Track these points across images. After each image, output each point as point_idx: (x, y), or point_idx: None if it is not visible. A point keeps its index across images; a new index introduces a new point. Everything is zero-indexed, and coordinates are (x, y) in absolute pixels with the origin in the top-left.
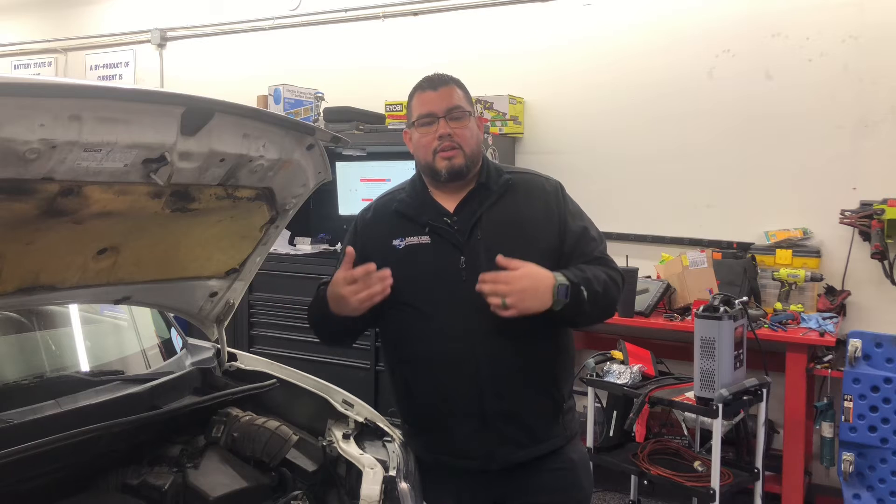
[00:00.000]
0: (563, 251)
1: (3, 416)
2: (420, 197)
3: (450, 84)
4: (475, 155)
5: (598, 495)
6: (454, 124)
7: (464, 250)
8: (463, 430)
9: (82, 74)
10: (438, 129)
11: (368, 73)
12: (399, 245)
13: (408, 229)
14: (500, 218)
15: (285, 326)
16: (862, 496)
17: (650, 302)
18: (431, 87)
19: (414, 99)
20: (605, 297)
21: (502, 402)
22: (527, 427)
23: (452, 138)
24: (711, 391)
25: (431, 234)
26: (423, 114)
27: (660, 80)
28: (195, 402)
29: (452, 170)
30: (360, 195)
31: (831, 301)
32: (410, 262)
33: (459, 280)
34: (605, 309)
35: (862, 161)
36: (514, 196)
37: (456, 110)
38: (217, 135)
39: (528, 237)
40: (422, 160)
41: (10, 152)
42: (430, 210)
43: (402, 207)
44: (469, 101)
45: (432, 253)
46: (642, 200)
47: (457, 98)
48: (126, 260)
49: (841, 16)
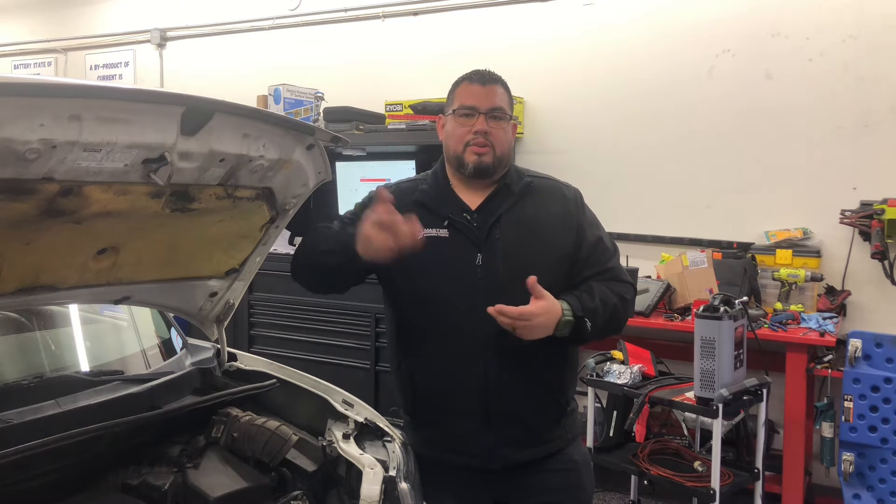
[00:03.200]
0: (577, 258)
1: (3, 416)
2: (442, 190)
3: (498, 84)
4: (505, 157)
5: (599, 495)
6: (493, 123)
7: (482, 248)
8: (465, 428)
9: (82, 74)
10: (476, 125)
11: (368, 72)
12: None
13: (427, 220)
14: (520, 220)
15: (285, 326)
16: (862, 496)
17: (650, 302)
18: (480, 81)
19: (459, 87)
20: (612, 319)
21: (505, 402)
22: (529, 428)
23: (488, 136)
24: (711, 391)
25: (450, 227)
26: (465, 105)
27: (660, 79)
28: (195, 403)
29: (480, 165)
30: (360, 195)
31: (831, 301)
32: (426, 254)
33: (475, 278)
34: (615, 329)
35: (862, 161)
36: (534, 199)
37: (497, 111)
38: (217, 135)
39: (546, 242)
40: (451, 150)
41: (10, 152)
42: (451, 204)
43: (424, 198)
44: (510, 106)
45: (449, 247)
46: (642, 200)
47: (501, 99)
48: (126, 260)
49: (841, 16)
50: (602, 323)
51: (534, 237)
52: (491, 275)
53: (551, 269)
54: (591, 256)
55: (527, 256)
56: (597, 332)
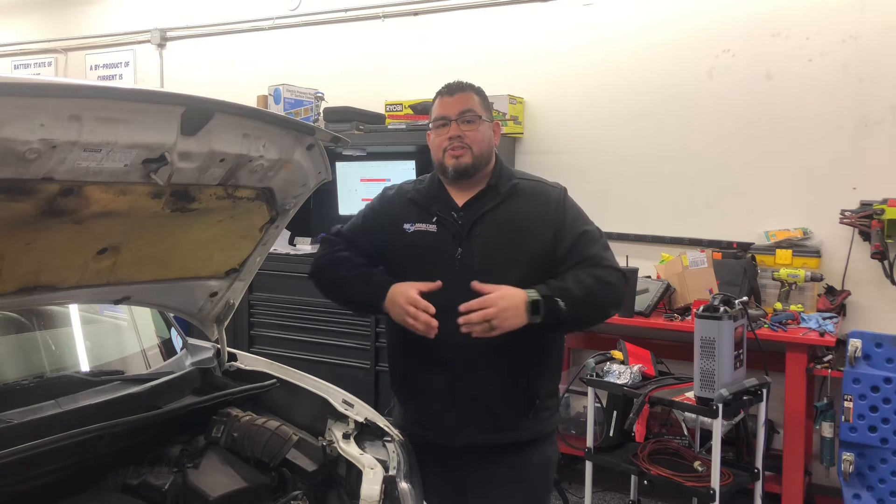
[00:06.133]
0: (557, 255)
1: (3, 416)
2: (435, 189)
3: (466, 90)
4: (484, 156)
5: (599, 495)
6: (465, 127)
7: (462, 243)
8: (433, 405)
9: (82, 74)
10: (450, 131)
11: (368, 73)
12: (409, 229)
13: (419, 216)
14: (501, 219)
15: (285, 326)
16: (862, 496)
17: (650, 302)
18: (449, 92)
19: (434, 103)
20: (589, 300)
21: (470, 383)
22: (492, 413)
23: (462, 139)
24: (711, 391)
25: (438, 223)
26: (438, 117)
27: (660, 79)
28: (195, 403)
29: (459, 167)
30: (360, 195)
31: (831, 301)
32: (416, 246)
33: (453, 269)
34: (598, 311)
35: (862, 161)
36: (518, 200)
37: (468, 113)
38: (217, 135)
39: (521, 240)
40: (435, 159)
41: (10, 152)
42: (440, 202)
43: (417, 196)
44: (484, 107)
45: (435, 240)
46: (642, 200)
47: (470, 103)
48: (126, 260)
49: (841, 16)
50: (578, 302)
51: (512, 235)
52: (466, 267)
53: (524, 266)
54: (573, 250)
55: (502, 252)
56: (575, 314)
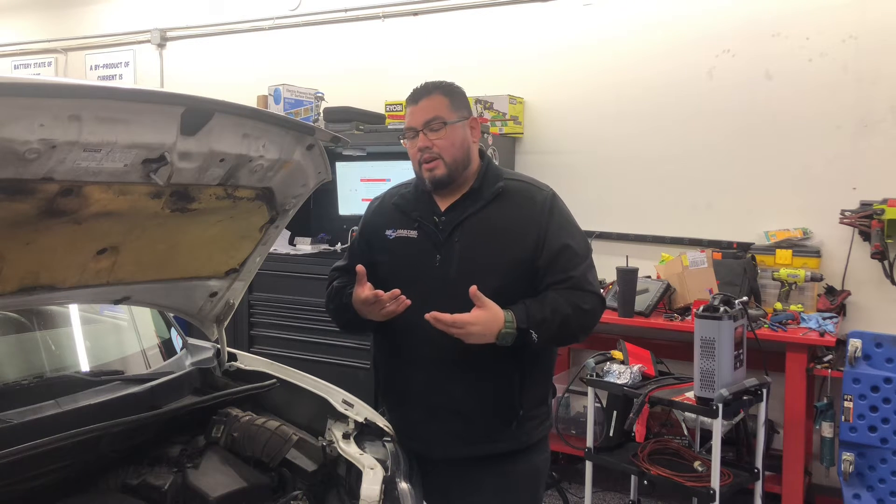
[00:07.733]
0: (538, 264)
1: (3, 416)
2: (418, 194)
3: (432, 94)
4: (459, 160)
5: (598, 495)
6: (432, 136)
7: (441, 249)
8: (413, 416)
9: (82, 74)
10: (419, 143)
11: (368, 73)
12: (391, 235)
13: (401, 222)
14: (482, 224)
15: (285, 326)
16: (862, 496)
17: (650, 302)
18: (413, 100)
19: (405, 111)
20: (562, 331)
21: (447, 395)
22: (471, 425)
23: (432, 150)
24: (711, 391)
25: (419, 229)
26: (406, 128)
27: (660, 79)
28: (195, 402)
29: (434, 179)
30: (360, 195)
31: (831, 301)
32: (396, 252)
33: (432, 277)
34: (567, 338)
35: (862, 161)
36: (502, 203)
37: (434, 122)
38: (217, 135)
39: (502, 246)
40: (414, 169)
41: (10, 152)
42: (423, 207)
43: (401, 202)
44: (454, 107)
45: (415, 246)
46: (642, 200)
47: (436, 108)
48: (126, 260)
49: (841, 16)
50: (550, 335)
51: (492, 241)
52: (444, 275)
53: (504, 274)
54: (554, 263)
55: (481, 259)
56: (544, 341)
